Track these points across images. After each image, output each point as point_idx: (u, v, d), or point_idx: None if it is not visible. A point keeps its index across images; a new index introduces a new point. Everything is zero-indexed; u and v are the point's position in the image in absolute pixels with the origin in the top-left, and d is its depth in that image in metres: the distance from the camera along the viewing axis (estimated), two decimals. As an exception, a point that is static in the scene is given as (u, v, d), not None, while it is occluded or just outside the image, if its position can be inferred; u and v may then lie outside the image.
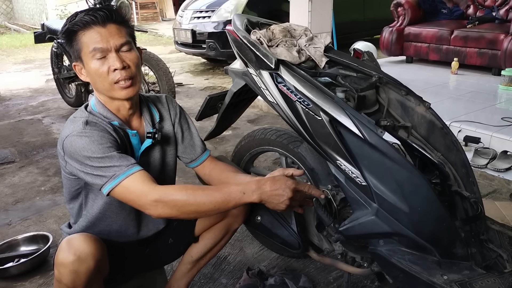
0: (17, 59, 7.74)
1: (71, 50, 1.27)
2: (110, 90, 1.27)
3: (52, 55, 4.45)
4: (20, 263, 1.97)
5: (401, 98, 1.45)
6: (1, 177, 2.98)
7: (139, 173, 1.19)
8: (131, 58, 1.27)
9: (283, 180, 1.20)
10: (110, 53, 1.23)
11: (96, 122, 1.27)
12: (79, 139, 1.21)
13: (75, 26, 1.23)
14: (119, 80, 1.24)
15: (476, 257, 1.30)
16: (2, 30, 11.84)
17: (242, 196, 1.17)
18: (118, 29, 1.25)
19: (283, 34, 1.54)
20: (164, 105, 1.46)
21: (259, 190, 1.17)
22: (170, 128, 1.46)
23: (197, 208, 1.17)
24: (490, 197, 2.48)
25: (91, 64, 1.24)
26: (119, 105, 1.32)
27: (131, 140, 1.35)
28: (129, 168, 1.19)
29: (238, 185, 1.19)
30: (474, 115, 3.38)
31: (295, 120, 1.41)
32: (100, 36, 1.22)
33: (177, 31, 6.17)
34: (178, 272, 1.60)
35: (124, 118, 1.35)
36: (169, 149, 1.46)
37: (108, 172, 1.18)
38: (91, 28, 1.22)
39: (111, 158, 1.19)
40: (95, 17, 1.22)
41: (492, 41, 4.62)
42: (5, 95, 5.21)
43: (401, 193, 1.26)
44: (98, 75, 1.24)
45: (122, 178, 1.18)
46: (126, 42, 1.26)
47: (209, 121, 2.00)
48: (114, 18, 1.25)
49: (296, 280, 1.79)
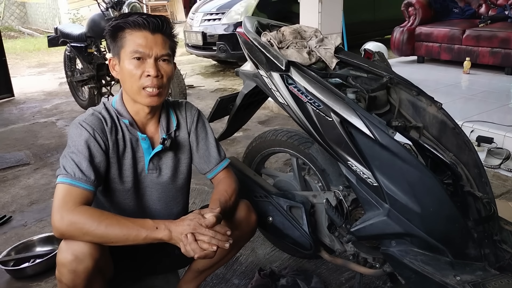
0: (31, 63, 7.86)
1: (112, 44, 1.31)
2: (136, 93, 1.29)
3: (65, 58, 4.52)
4: (36, 263, 1.99)
5: (413, 99, 1.45)
6: (17, 179, 3.03)
7: (79, 190, 1.20)
8: (167, 70, 1.30)
9: (187, 222, 1.17)
10: (149, 59, 1.27)
11: (99, 118, 1.30)
12: (75, 127, 1.28)
13: (126, 23, 1.26)
14: (149, 86, 1.27)
15: (490, 258, 1.29)
16: (16, 34, 12.02)
17: (154, 230, 1.16)
18: (163, 40, 1.29)
19: (293, 35, 1.55)
20: (182, 112, 1.46)
21: (171, 229, 1.16)
22: (185, 136, 1.46)
23: (104, 235, 1.15)
24: (503, 197, 2.45)
25: (127, 63, 1.27)
26: (139, 108, 1.34)
27: (141, 144, 1.37)
28: (78, 180, 1.21)
29: (154, 220, 1.18)
30: (486, 115, 3.35)
31: (306, 121, 1.42)
32: (146, 41, 1.26)
33: (188, 34, 6.21)
34: (187, 277, 1.60)
35: (141, 121, 1.37)
36: (183, 157, 1.46)
37: (68, 168, 1.22)
38: (140, 30, 1.26)
39: (80, 159, 1.23)
40: (147, 22, 1.26)
41: (504, 40, 4.57)
42: (20, 99, 5.29)
43: (413, 193, 1.26)
44: (130, 75, 1.27)
45: (65, 181, 1.20)
46: (167, 54, 1.30)
47: (220, 123, 2.02)
48: (164, 29, 1.29)
49: (308, 280, 1.79)
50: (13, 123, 4.33)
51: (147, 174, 1.40)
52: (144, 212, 1.43)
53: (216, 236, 1.16)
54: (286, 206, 1.66)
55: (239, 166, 1.87)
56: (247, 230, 1.47)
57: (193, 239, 1.15)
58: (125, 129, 1.35)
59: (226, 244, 1.17)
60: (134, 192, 1.40)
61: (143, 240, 1.16)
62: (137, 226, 1.16)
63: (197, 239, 1.15)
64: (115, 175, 1.35)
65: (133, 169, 1.37)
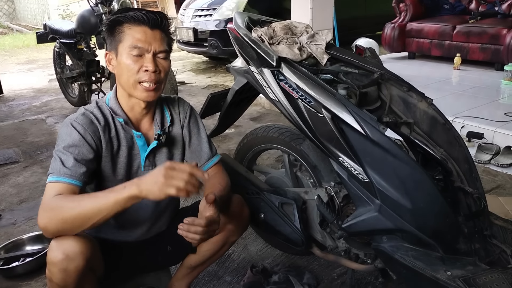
0: (20, 60, 7.77)
1: (109, 38, 1.30)
2: (132, 87, 1.28)
3: (55, 55, 4.47)
4: (26, 262, 1.98)
5: (403, 94, 1.45)
6: (6, 177, 2.99)
7: (64, 185, 1.19)
8: (164, 65, 1.31)
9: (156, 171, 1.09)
10: (147, 54, 1.26)
11: (91, 117, 1.29)
12: (66, 127, 1.27)
13: (125, 18, 1.26)
14: (146, 81, 1.27)
15: (480, 252, 1.30)
16: (4, 30, 11.88)
17: (122, 190, 1.10)
18: (162, 36, 1.29)
19: (285, 31, 1.54)
20: (175, 107, 1.46)
21: (138, 181, 1.10)
22: (178, 131, 1.46)
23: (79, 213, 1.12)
24: (493, 192, 2.47)
25: (125, 57, 1.26)
26: (134, 103, 1.34)
27: (137, 141, 1.36)
28: (64, 176, 1.20)
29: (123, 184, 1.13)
30: (477, 111, 3.37)
31: (297, 117, 1.42)
32: (145, 36, 1.26)
33: (179, 30, 6.17)
34: (179, 274, 1.60)
35: (135, 117, 1.36)
36: (176, 153, 1.46)
37: (54, 167, 1.22)
38: (140, 25, 1.26)
39: (67, 157, 1.22)
40: (147, 18, 1.26)
41: (494, 36, 4.60)
42: (9, 96, 5.23)
43: (404, 189, 1.26)
44: (128, 69, 1.26)
45: (51, 179, 1.20)
46: (165, 50, 1.30)
47: (212, 119, 2.01)
48: (162, 26, 1.29)
49: (300, 277, 1.79)
50: (2, 121, 4.28)
51: (143, 171, 1.39)
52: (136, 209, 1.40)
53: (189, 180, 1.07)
54: (277, 202, 1.66)
55: (230, 163, 1.86)
56: (240, 224, 1.48)
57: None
58: (119, 127, 1.34)
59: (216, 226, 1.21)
60: None
61: (114, 204, 1.10)
62: (105, 193, 1.13)
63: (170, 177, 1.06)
64: (109, 173, 1.34)
65: (128, 167, 1.37)
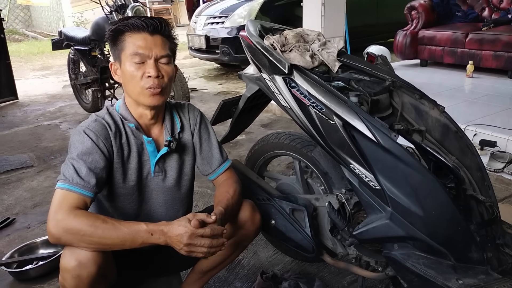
0: (35, 66, 7.90)
1: (113, 48, 1.32)
2: (139, 94, 1.30)
3: (69, 61, 4.54)
4: (39, 265, 2.00)
5: (415, 102, 1.45)
6: (20, 181, 3.04)
7: (76, 195, 1.20)
8: (167, 70, 1.31)
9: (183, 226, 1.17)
10: (149, 60, 1.28)
11: (103, 124, 1.30)
12: (78, 134, 1.28)
13: (126, 27, 1.28)
14: (150, 87, 1.28)
15: (492, 261, 1.29)
16: (20, 37, 12.09)
17: (149, 236, 1.16)
18: (163, 41, 1.30)
19: (296, 39, 1.55)
20: (185, 114, 1.47)
21: (164, 236, 1.16)
22: (189, 137, 1.46)
23: (100, 240, 1.15)
24: (506, 201, 2.44)
25: (128, 66, 1.28)
26: (142, 112, 1.35)
27: (147, 147, 1.37)
28: (77, 186, 1.21)
29: (148, 225, 1.17)
30: (489, 119, 3.34)
31: (308, 124, 1.42)
32: (145, 43, 1.27)
33: (191, 37, 6.23)
34: (190, 279, 1.60)
35: (145, 124, 1.38)
36: (187, 159, 1.47)
37: (67, 173, 1.22)
38: (139, 33, 1.27)
39: (81, 166, 1.23)
40: (146, 24, 1.27)
41: (508, 44, 4.56)
42: (24, 101, 5.32)
43: (416, 197, 1.26)
44: (132, 77, 1.28)
45: (62, 186, 1.20)
46: (167, 55, 1.31)
47: (223, 126, 2.02)
48: (162, 31, 1.30)
49: (310, 284, 1.78)
50: (17, 126, 4.35)
51: (153, 177, 1.40)
52: (148, 216, 1.43)
53: (212, 244, 1.18)
54: (288, 209, 1.66)
55: (241, 169, 1.87)
56: (252, 229, 1.48)
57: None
58: (130, 133, 1.35)
59: (222, 247, 1.21)
60: (138, 196, 1.40)
61: (139, 245, 1.17)
62: (132, 232, 1.15)
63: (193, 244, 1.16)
64: (119, 180, 1.35)
65: (139, 173, 1.37)
